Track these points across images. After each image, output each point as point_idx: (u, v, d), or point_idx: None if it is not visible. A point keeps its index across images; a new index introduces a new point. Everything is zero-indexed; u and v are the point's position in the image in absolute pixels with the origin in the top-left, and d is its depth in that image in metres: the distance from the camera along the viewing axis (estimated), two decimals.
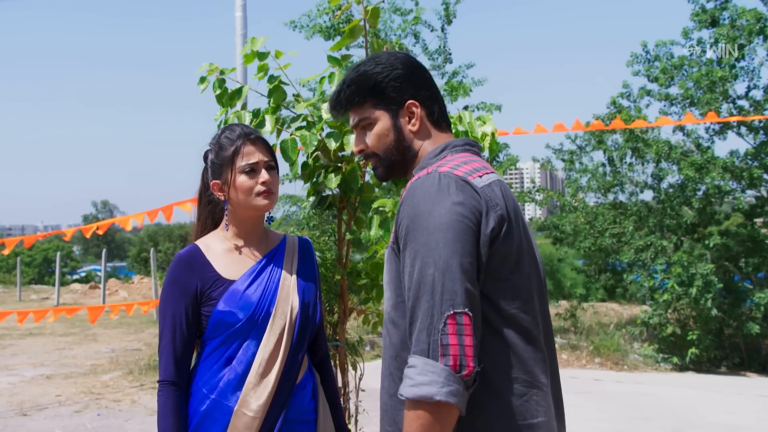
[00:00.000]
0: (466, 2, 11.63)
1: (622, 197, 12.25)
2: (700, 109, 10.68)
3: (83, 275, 31.90)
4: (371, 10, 2.55)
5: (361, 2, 2.64)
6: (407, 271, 1.41)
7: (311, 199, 2.75)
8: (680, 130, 11.50)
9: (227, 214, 2.03)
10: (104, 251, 20.41)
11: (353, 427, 2.87)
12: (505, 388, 1.44)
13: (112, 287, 21.94)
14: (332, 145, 2.48)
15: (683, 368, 10.03)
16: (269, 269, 2.00)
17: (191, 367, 1.97)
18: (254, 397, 1.88)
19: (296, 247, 2.10)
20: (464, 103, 10.94)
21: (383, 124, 1.63)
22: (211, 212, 2.10)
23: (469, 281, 1.37)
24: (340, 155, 2.60)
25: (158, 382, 1.92)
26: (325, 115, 2.52)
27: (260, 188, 1.94)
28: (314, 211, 2.95)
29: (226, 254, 1.99)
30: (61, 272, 20.17)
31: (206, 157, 2.06)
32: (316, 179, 2.66)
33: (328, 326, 2.83)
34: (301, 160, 2.62)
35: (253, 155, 1.95)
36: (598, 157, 12.57)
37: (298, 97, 2.71)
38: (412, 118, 1.62)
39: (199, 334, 1.96)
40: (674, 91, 11.30)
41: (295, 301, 1.98)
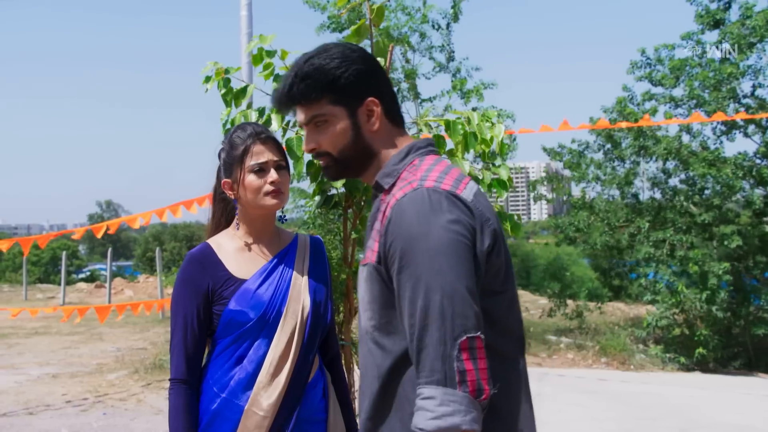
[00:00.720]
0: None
1: (631, 194, 12.18)
2: (706, 108, 10.64)
3: (88, 274, 31.98)
4: (376, 9, 2.53)
5: (366, 0, 2.62)
6: (407, 296, 1.32)
7: (317, 198, 2.74)
8: (687, 131, 11.44)
9: (238, 213, 2.03)
10: (110, 250, 20.41)
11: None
12: (503, 404, 1.41)
13: (117, 286, 21.97)
14: None
15: (690, 368, 9.99)
16: (280, 268, 2.00)
17: (202, 365, 1.97)
18: (265, 396, 1.88)
19: (308, 246, 2.10)
20: (472, 105, 10.96)
21: (341, 122, 1.52)
22: (224, 210, 2.11)
23: (476, 303, 1.33)
24: None
25: (170, 380, 1.93)
26: None
27: (269, 188, 1.94)
28: (320, 210, 2.94)
29: (237, 253, 1.99)
30: (66, 271, 20.21)
31: (219, 155, 2.07)
32: (321, 178, 2.65)
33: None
34: (306, 158, 2.62)
35: (262, 155, 1.95)
36: (600, 157, 12.50)
37: None
38: (371, 116, 1.53)
39: (210, 332, 1.96)
40: (679, 92, 11.27)
41: (306, 300, 1.98)
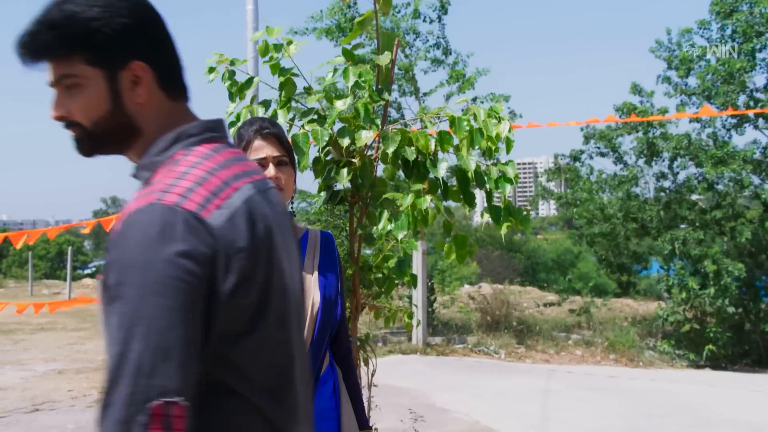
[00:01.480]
0: None
1: (637, 191, 12.10)
2: (717, 101, 10.54)
3: (93, 270, 32.04)
4: None
5: None
6: (112, 335, 1.02)
7: (322, 194, 2.72)
8: (697, 122, 11.34)
9: None
10: None
11: None
12: None
13: None
14: (345, 143, 2.45)
15: (700, 365, 9.92)
16: None
17: None
18: None
19: (318, 241, 2.09)
20: (470, 94, 10.93)
21: (96, 88, 1.18)
22: None
23: (187, 359, 1.03)
24: (351, 150, 2.57)
25: None
26: (339, 107, 2.47)
27: None
28: (326, 206, 2.92)
29: None
30: (72, 267, 20.24)
31: None
32: (327, 174, 2.62)
33: None
34: (312, 154, 2.60)
35: (261, 150, 1.94)
36: (599, 164, 12.46)
37: (309, 89, 2.67)
38: (137, 84, 1.20)
39: None
40: (692, 82, 11.17)
41: (316, 296, 1.97)
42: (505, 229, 2.56)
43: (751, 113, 10.58)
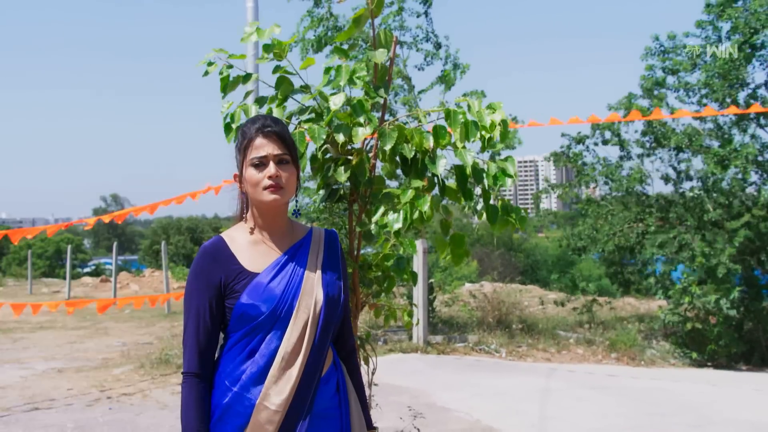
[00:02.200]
0: None
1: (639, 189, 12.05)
2: (716, 97, 10.52)
3: (93, 268, 32.03)
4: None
5: None
6: None
7: (321, 192, 2.70)
8: (699, 121, 11.32)
9: (250, 206, 2.02)
10: (115, 244, 20.43)
11: None
12: None
13: (123, 280, 22.00)
14: (341, 138, 2.43)
15: (701, 364, 9.90)
16: (294, 262, 1.98)
17: (215, 358, 1.96)
18: (276, 391, 1.87)
19: (322, 239, 2.08)
20: (460, 88, 10.99)
21: None
22: (246, 202, 2.08)
23: None
24: (349, 147, 2.56)
25: (182, 373, 1.93)
26: (333, 106, 2.45)
27: (266, 182, 1.92)
28: (325, 204, 2.90)
29: (250, 247, 1.98)
30: (71, 265, 20.23)
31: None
32: (325, 172, 2.61)
33: None
34: (309, 153, 2.59)
35: (262, 148, 1.93)
36: (604, 152, 12.39)
37: (306, 88, 2.65)
38: None
39: (223, 326, 1.95)
40: (694, 78, 11.13)
41: (319, 294, 1.96)
42: (499, 230, 2.54)
43: (752, 112, 10.54)
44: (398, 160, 2.57)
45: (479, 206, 2.62)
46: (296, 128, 2.47)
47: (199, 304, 1.91)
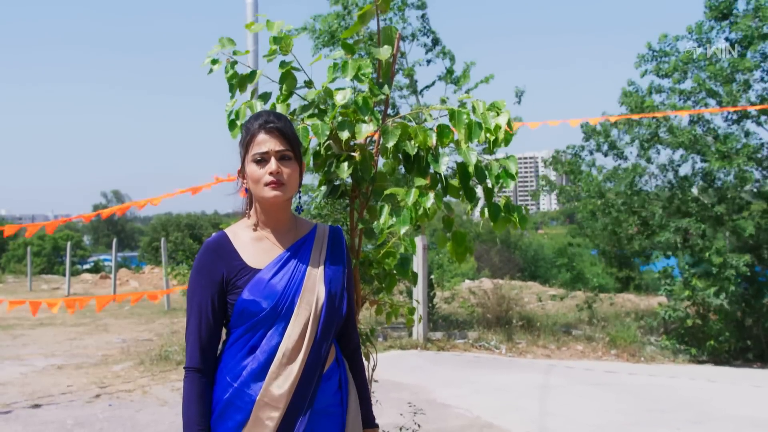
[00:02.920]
0: None
1: (639, 185, 12.04)
2: (718, 99, 10.52)
3: (92, 265, 31.98)
4: None
5: None
6: None
7: (323, 188, 2.69)
8: (699, 122, 11.30)
9: (254, 202, 2.01)
10: (114, 241, 20.40)
11: None
12: None
13: (122, 277, 21.99)
14: (344, 135, 2.43)
15: (701, 360, 9.91)
16: (296, 259, 1.97)
17: (218, 354, 1.97)
18: (276, 387, 1.87)
19: (326, 236, 2.07)
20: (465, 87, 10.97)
21: None
22: (252, 198, 2.07)
23: None
24: (351, 144, 2.55)
25: (184, 368, 1.93)
26: (339, 101, 2.44)
27: (267, 178, 1.91)
28: (326, 200, 2.89)
29: (253, 243, 1.98)
30: (71, 261, 20.20)
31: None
32: (327, 168, 2.60)
33: None
34: (312, 149, 2.57)
35: (264, 144, 1.92)
36: (601, 160, 12.40)
37: (310, 83, 2.64)
38: None
39: (225, 321, 1.96)
40: (687, 85, 11.13)
41: (321, 291, 1.96)
42: (500, 228, 2.53)
43: (752, 109, 10.53)
44: (400, 156, 2.57)
45: (480, 204, 2.61)
46: (300, 124, 2.46)
47: (201, 299, 1.91)
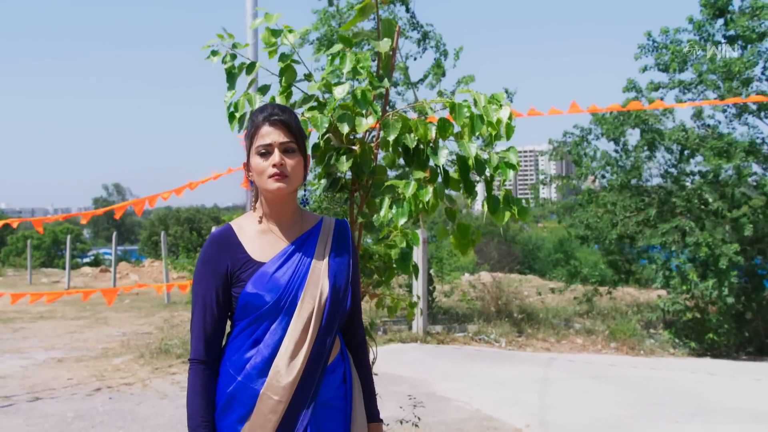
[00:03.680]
0: None
1: (635, 183, 12.02)
2: (719, 94, 10.50)
3: (92, 259, 31.97)
4: None
5: None
6: None
7: (323, 181, 2.68)
8: (698, 117, 11.29)
9: (259, 195, 2.02)
10: (114, 235, 20.41)
11: None
12: None
13: (122, 271, 22.01)
14: (344, 129, 2.42)
15: (700, 353, 9.92)
16: (301, 252, 1.97)
17: (222, 346, 1.97)
18: (280, 381, 1.87)
19: (332, 230, 2.06)
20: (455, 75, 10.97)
21: None
22: (258, 191, 2.08)
23: None
24: (351, 137, 2.54)
25: (189, 360, 1.94)
26: (338, 95, 2.43)
27: (271, 170, 1.91)
28: (326, 193, 2.88)
29: (258, 236, 1.98)
30: (70, 255, 20.21)
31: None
32: (327, 161, 2.59)
33: None
34: (312, 141, 2.57)
35: (268, 136, 1.93)
36: (603, 146, 12.37)
37: (309, 76, 2.63)
38: None
39: (230, 314, 1.96)
40: (688, 76, 11.11)
41: (325, 285, 1.95)
42: (504, 218, 2.52)
43: (752, 102, 10.51)
44: (400, 149, 2.56)
45: (479, 197, 2.61)
46: (300, 116, 2.46)
47: (205, 292, 1.92)
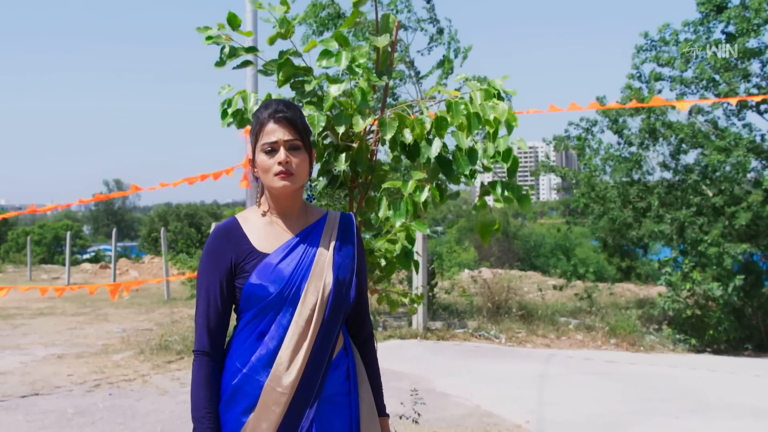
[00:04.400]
0: None
1: (637, 176, 12.03)
2: (717, 90, 10.50)
3: (92, 255, 31.96)
4: None
5: None
6: None
7: (321, 178, 2.68)
8: (698, 112, 11.28)
9: (263, 190, 2.02)
10: (114, 231, 20.41)
11: None
12: None
13: (122, 267, 22.02)
14: (341, 129, 2.41)
15: (700, 350, 9.92)
16: (305, 244, 1.97)
17: (228, 338, 1.98)
18: (284, 373, 1.87)
19: (337, 223, 2.06)
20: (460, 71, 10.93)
21: None
22: (263, 185, 2.07)
23: None
24: (350, 134, 2.53)
25: (193, 351, 1.94)
26: (333, 93, 2.41)
27: (276, 168, 1.91)
28: (325, 190, 2.87)
29: (263, 228, 1.98)
30: (70, 251, 20.21)
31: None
32: (325, 158, 2.58)
33: None
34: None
35: (273, 134, 1.92)
36: (608, 138, 12.40)
37: (307, 70, 2.62)
38: None
39: (235, 306, 1.96)
40: (688, 74, 11.09)
41: (328, 277, 1.95)
42: (488, 239, 2.51)
43: (753, 99, 10.50)
44: (398, 147, 2.55)
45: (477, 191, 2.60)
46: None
47: (209, 284, 1.92)
